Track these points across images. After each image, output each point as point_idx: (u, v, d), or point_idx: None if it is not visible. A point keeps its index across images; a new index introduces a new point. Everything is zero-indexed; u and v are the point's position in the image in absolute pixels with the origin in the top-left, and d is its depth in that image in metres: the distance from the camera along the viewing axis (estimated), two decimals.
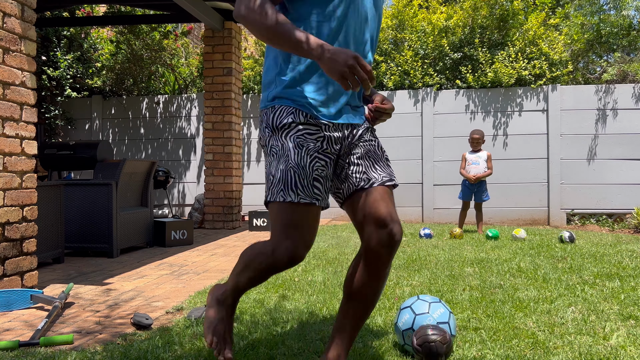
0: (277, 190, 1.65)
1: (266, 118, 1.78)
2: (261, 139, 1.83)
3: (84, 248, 4.56)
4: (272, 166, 1.71)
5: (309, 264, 3.97)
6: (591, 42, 7.96)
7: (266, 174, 1.74)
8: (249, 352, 2.09)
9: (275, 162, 1.70)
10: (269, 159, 1.75)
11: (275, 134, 1.73)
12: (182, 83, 8.70)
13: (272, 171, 1.70)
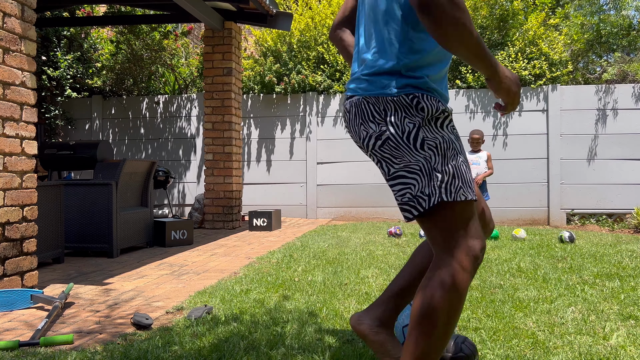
0: (455, 188, 1.42)
1: (407, 106, 1.47)
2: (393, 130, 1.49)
3: (84, 248, 4.56)
4: (436, 161, 1.44)
5: (309, 264, 3.97)
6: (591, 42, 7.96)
7: (424, 170, 1.45)
8: (249, 352, 2.09)
9: (439, 156, 1.44)
10: (425, 154, 1.45)
11: (429, 125, 1.46)
12: (182, 83, 8.70)
13: (439, 167, 1.44)
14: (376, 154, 1.54)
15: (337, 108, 7.82)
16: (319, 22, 8.07)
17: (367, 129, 1.54)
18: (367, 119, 1.53)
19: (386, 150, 1.50)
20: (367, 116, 1.53)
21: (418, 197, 1.45)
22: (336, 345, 2.15)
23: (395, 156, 1.49)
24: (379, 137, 1.51)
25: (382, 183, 7.65)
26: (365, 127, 1.54)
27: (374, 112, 1.52)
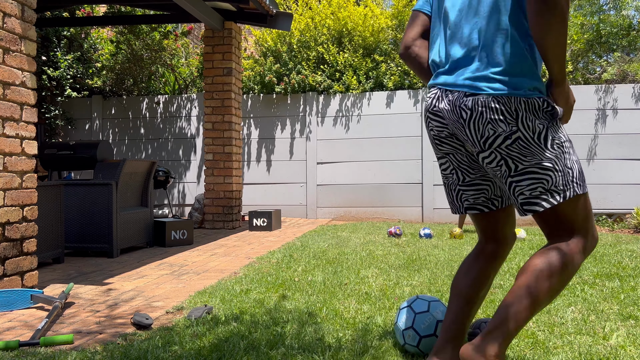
0: (581, 183, 1.58)
1: (537, 108, 1.57)
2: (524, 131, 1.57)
3: (84, 248, 4.56)
4: (565, 158, 1.58)
5: (309, 264, 3.97)
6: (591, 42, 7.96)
7: (557, 166, 1.57)
8: (249, 352, 2.10)
9: (566, 153, 1.59)
10: (556, 152, 1.58)
11: (554, 125, 1.59)
12: (182, 83, 8.70)
13: (569, 164, 1.58)
14: (501, 152, 1.59)
15: (337, 108, 7.83)
16: (319, 22, 8.07)
17: (495, 128, 1.57)
18: (496, 119, 1.57)
19: (515, 149, 1.57)
20: (496, 115, 1.57)
21: (552, 191, 1.56)
22: (336, 345, 2.16)
23: (525, 154, 1.57)
24: (508, 136, 1.57)
25: (382, 183, 7.65)
26: (494, 126, 1.57)
27: (504, 112, 1.56)
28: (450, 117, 1.66)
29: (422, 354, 2.04)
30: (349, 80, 7.71)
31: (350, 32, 7.94)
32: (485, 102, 1.58)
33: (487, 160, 1.63)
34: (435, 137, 1.75)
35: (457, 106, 1.64)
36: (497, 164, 1.62)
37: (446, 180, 1.86)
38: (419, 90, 7.58)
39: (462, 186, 1.80)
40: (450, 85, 1.66)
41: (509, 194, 1.64)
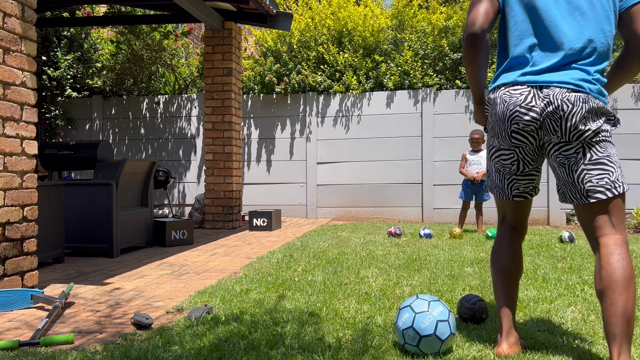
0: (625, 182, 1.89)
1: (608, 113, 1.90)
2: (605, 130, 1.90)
3: (84, 248, 4.56)
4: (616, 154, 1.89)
5: (309, 264, 3.97)
6: None
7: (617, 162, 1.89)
8: (249, 352, 2.10)
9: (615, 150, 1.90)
10: (615, 150, 1.91)
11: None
12: (182, 83, 8.71)
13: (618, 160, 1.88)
14: (584, 142, 1.88)
15: (337, 108, 7.83)
16: (319, 22, 8.07)
17: (587, 123, 1.86)
18: (590, 116, 1.86)
19: (595, 142, 1.87)
20: (592, 113, 1.87)
21: (615, 183, 1.86)
22: (336, 345, 2.16)
23: (600, 148, 1.88)
24: (596, 132, 1.87)
25: (382, 183, 7.65)
26: (587, 121, 1.86)
27: (597, 112, 1.87)
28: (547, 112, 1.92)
29: (422, 354, 2.04)
30: (349, 80, 7.71)
31: (350, 32, 7.94)
32: (585, 99, 1.89)
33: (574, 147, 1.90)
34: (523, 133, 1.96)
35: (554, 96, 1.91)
36: (579, 152, 1.89)
37: (502, 169, 2.07)
38: (419, 90, 7.59)
39: (518, 176, 2.05)
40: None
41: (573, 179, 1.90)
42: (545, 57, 1.90)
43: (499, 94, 2.00)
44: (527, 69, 1.93)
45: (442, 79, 7.70)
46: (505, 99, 1.96)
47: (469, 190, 6.06)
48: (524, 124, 1.92)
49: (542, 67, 1.90)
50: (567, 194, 1.95)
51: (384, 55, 7.89)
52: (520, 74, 1.94)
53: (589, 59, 1.89)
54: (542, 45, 1.91)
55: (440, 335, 2.02)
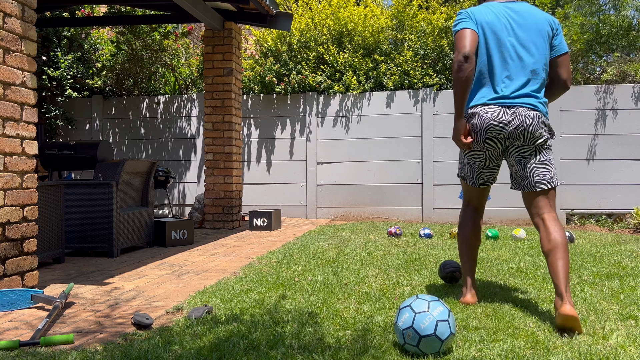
0: None
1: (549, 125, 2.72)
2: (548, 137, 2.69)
3: (84, 248, 4.56)
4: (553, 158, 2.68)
5: (309, 264, 3.97)
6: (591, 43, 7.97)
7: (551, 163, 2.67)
8: (249, 352, 2.10)
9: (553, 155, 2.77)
10: (550, 152, 2.68)
11: None
12: (182, 83, 8.71)
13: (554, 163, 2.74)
14: (537, 147, 2.63)
15: (337, 108, 7.83)
16: (319, 23, 8.07)
17: (542, 133, 2.62)
18: (541, 127, 2.62)
19: (543, 148, 2.64)
20: (542, 125, 2.62)
21: (553, 179, 2.63)
22: (336, 345, 2.16)
23: (545, 152, 2.65)
24: (545, 139, 2.64)
25: (382, 183, 7.65)
26: (541, 131, 2.62)
27: (543, 124, 2.63)
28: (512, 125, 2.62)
29: (422, 354, 2.04)
30: (349, 80, 7.71)
31: (350, 32, 7.94)
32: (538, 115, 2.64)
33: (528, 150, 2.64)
34: (495, 139, 2.66)
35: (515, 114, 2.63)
36: (532, 154, 2.64)
37: (473, 165, 2.81)
38: (419, 90, 7.59)
39: (484, 170, 2.80)
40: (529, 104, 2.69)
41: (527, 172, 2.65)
42: (511, 84, 2.65)
43: (476, 111, 2.68)
44: (498, 94, 2.65)
45: (442, 79, 7.70)
46: (482, 115, 2.65)
47: None
48: (496, 132, 2.64)
49: (509, 92, 2.64)
50: (520, 183, 2.71)
51: (384, 55, 7.89)
52: (492, 97, 2.65)
53: (537, 86, 2.66)
54: (508, 76, 2.65)
55: (440, 335, 2.03)
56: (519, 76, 2.65)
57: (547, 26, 2.70)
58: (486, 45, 2.68)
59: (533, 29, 2.68)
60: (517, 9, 2.72)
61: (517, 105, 2.61)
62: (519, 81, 2.64)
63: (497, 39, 2.67)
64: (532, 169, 2.63)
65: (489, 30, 2.68)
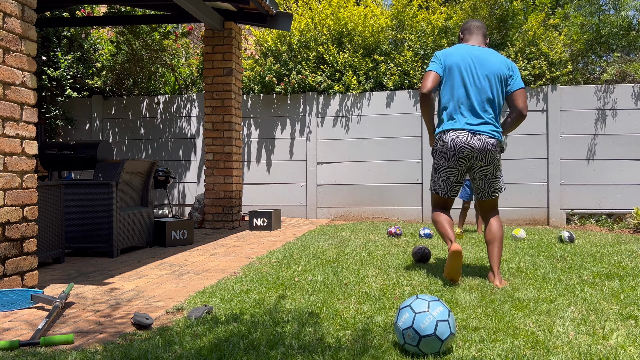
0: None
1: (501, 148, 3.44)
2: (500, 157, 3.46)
3: (84, 248, 4.56)
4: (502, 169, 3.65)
5: (309, 264, 3.97)
6: (591, 43, 7.97)
7: (501, 175, 3.49)
8: (249, 352, 2.10)
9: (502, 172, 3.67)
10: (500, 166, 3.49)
11: None
12: (182, 83, 8.71)
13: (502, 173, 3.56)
14: (493, 165, 3.38)
15: (337, 108, 7.83)
16: (319, 22, 8.07)
17: (496, 155, 3.37)
18: (496, 150, 3.36)
19: (497, 165, 3.40)
20: (496, 149, 3.36)
21: (502, 187, 3.48)
22: (336, 345, 2.16)
23: (499, 168, 3.42)
24: (498, 159, 3.40)
25: (382, 183, 7.65)
26: (496, 153, 3.37)
27: (500, 148, 3.40)
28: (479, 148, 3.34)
29: (422, 354, 2.04)
30: (349, 80, 7.71)
31: (350, 32, 7.94)
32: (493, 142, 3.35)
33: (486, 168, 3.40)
34: (465, 158, 3.36)
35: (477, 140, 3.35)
36: (489, 170, 3.41)
37: (447, 179, 3.47)
38: (419, 90, 7.58)
39: (455, 184, 3.48)
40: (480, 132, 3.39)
41: (486, 186, 3.45)
42: (476, 115, 3.36)
43: (449, 135, 3.37)
44: (466, 122, 3.36)
45: None
46: (454, 138, 3.35)
47: (469, 190, 6.06)
48: (466, 152, 3.34)
49: (475, 122, 3.36)
50: (480, 194, 3.49)
51: (384, 55, 7.89)
52: (464, 123, 3.36)
53: (494, 116, 3.40)
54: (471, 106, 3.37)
55: (440, 335, 2.03)
56: (479, 107, 3.36)
57: (504, 67, 3.42)
58: (454, 81, 3.40)
59: (491, 69, 3.38)
60: (479, 53, 3.43)
61: (481, 132, 3.32)
62: (480, 112, 3.36)
63: (461, 76, 3.39)
64: (490, 183, 3.44)
65: (455, 69, 3.40)
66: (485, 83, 3.37)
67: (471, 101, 3.36)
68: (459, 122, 3.36)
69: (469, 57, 3.41)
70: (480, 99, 3.35)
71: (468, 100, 3.36)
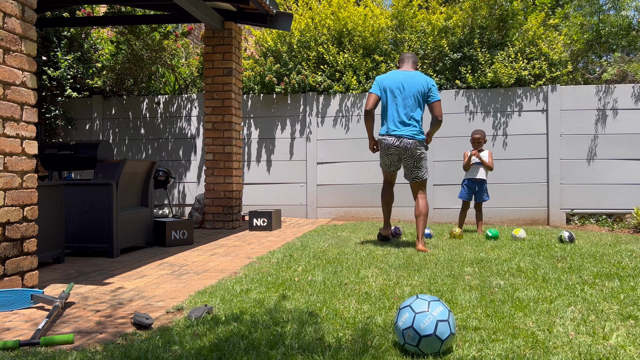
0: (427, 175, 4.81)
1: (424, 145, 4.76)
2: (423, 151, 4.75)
3: (84, 248, 4.57)
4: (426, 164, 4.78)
5: (309, 264, 3.97)
6: (591, 42, 7.97)
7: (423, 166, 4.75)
8: (249, 352, 2.10)
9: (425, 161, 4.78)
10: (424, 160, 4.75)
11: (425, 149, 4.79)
12: (182, 83, 8.71)
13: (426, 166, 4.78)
14: (416, 158, 4.69)
15: (337, 108, 7.83)
16: (319, 23, 8.07)
17: (417, 151, 4.68)
18: (417, 148, 4.67)
19: (421, 158, 4.73)
20: (417, 146, 4.67)
21: (423, 175, 4.76)
22: (336, 345, 2.16)
23: (421, 160, 4.73)
24: (420, 154, 4.71)
25: (382, 183, 7.64)
26: (417, 150, 4.68)
27: (418, 145, 4.68)
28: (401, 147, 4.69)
29: (422, 354, 2.04)
30: (349, 80, 7.71)
31: (350, 32, 7.94)
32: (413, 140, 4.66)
33: (410, 160, 4.71)
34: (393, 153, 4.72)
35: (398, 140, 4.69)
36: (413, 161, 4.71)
37: (386, 162, 4.84)
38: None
39: (391, 166, 4.84)
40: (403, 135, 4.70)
41: (409, 173, 4.76)
42: (402, 124, 4.66)
43: (383, 138, 4.74)
44: (394, 129, 4.68)
45: (442, 79, 7.70)
46: (385, 141, 4.73)
47: (469, 190, 6.06)
48: (393, 150, 4.71)
49: (400, 128, 4.66)
50: (407, 177, 4.78)
51: (384, 55, 7.89)
52: (392, 130, 4.68)
53: (416, 124, 4.67)
54: (399, 117, 4.67)
55: (440, 335, 2.03)
56: (402, 116, 4.66)
57: (424, 86, 4.68)
58: (387, 99, 4.72)
59: (415, 88, 4.66)
60: (406, 76, 4.72)
61: (403, 136, 4.65)
62: (405, 119, 4.66)
63: (393, 95, 4.69)
64: (412, 170, 4.74)
65: (389, 90, 4.71)
66: (409, 99, 4.65)
67: (399, 113, 4.66)
68: (390, 129, 4.68)
69: (399, 80, 4.69)
70: (406, 112, 4.65)
71: (397, 113, 4.66)
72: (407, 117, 4.63)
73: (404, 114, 4.64)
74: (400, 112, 4.64)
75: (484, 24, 7.73)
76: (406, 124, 4.62)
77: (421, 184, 4.71)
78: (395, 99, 4.65)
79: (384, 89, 4.70)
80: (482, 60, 7.47)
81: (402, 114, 4.64)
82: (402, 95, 4.64)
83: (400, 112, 4.64)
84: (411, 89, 4.63)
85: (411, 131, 4.62)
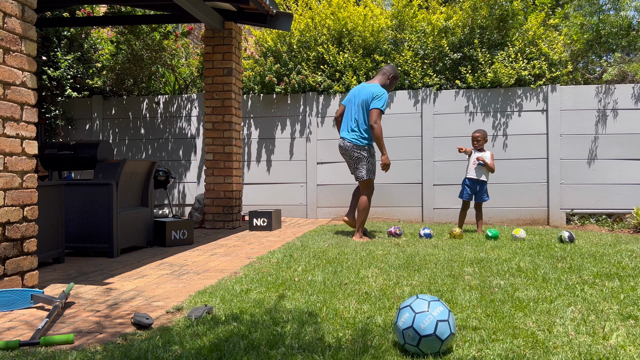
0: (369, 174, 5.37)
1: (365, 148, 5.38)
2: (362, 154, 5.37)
3: (84, 248, 4.56)
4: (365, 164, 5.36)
5: (309, 264, 3.97)
6: (591, 43, 7.97)
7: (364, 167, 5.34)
8: (249, 351, 2.10)
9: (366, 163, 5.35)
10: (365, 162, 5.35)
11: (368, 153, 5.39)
12: (182, 83, 8.71)
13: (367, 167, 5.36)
14: (352, 159, 5.39)
15: (337, 108, 7.82)
16: (318, 22, 8.07)
17: (354, 154, 5.37)
18: (354, 151, 5.36)
19: (356, 160, 5.37)
20: (354, 149, 5.36)
21: (364, 176, 5.35)
22: (336, 345, 2.16)
23: (360, 161, 5.36)
24: (358, 156, 5.36)
25: (382, 183, 7.65)
26: (355, 153, 5.36)
27: (356, 149, 5.36)
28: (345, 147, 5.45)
29: (422, 354, 2.04)
30: (349, 80, 7.71)
31: (350, 32, 7.94)
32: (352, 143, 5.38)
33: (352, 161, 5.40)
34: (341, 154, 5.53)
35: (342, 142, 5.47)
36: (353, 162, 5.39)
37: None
38: (419, 90, 7.59)
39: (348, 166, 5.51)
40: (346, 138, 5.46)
41: (352, 172, 5.45)
42: (348, 129, 5.39)
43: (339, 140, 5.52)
44: (343, 134, 5.44)
45: (442, 79, 7.70)
46: (339, 142, 5.50)
47: (469, 190, 6.06)
48: (340, 150, 5.48)
49: (345, 133, 5.41)
50: (355, 177, 5.38)
51: (384, 55, 7.89)
52: (341, 134, 5.48)
53: (358, 128, 5.32)
54: (348, 123, 5.40)
55: (440, 335, 2.03)
56: (351, 123, 5.37)
57: (369, 95, 5.24)
58: (349, 107, 5.43)
59: (361, 98, 5.31)
60: (361, 87, 5.40)
61: (345, 139, 5.39)
62: (352, 125, 5.37)
63: (349, 104, 5.45)
64: (353, 171, 5.41)
65: (347, 100, 5.50)
66: (355, 108, 5.35)
67: (348, 120, 5.41)
68: (342, 133, 5.48)
69: (355, 91, 5.44)
70: (352, 119, 5.35)
71: (348, 120, 5.41)
72: (354, 124, 5.33)
73: (352, 121, 5.35)
74: (350, 120, 5.38)
75: (484, 24, 7.72)
76: (352, 129, 5.34)
77: (363, 184, 5.32)
78: (350, 108, 5.41)
79: (348, 99, 5.50)
80: (482, 60, 7.47)
81: (351, 120, 5.36)
82: (354, 105, 5.36)
83: (349, 119, 5.39)
84: (358, 99, 5.33)
85: (352, 136, 5.33)
